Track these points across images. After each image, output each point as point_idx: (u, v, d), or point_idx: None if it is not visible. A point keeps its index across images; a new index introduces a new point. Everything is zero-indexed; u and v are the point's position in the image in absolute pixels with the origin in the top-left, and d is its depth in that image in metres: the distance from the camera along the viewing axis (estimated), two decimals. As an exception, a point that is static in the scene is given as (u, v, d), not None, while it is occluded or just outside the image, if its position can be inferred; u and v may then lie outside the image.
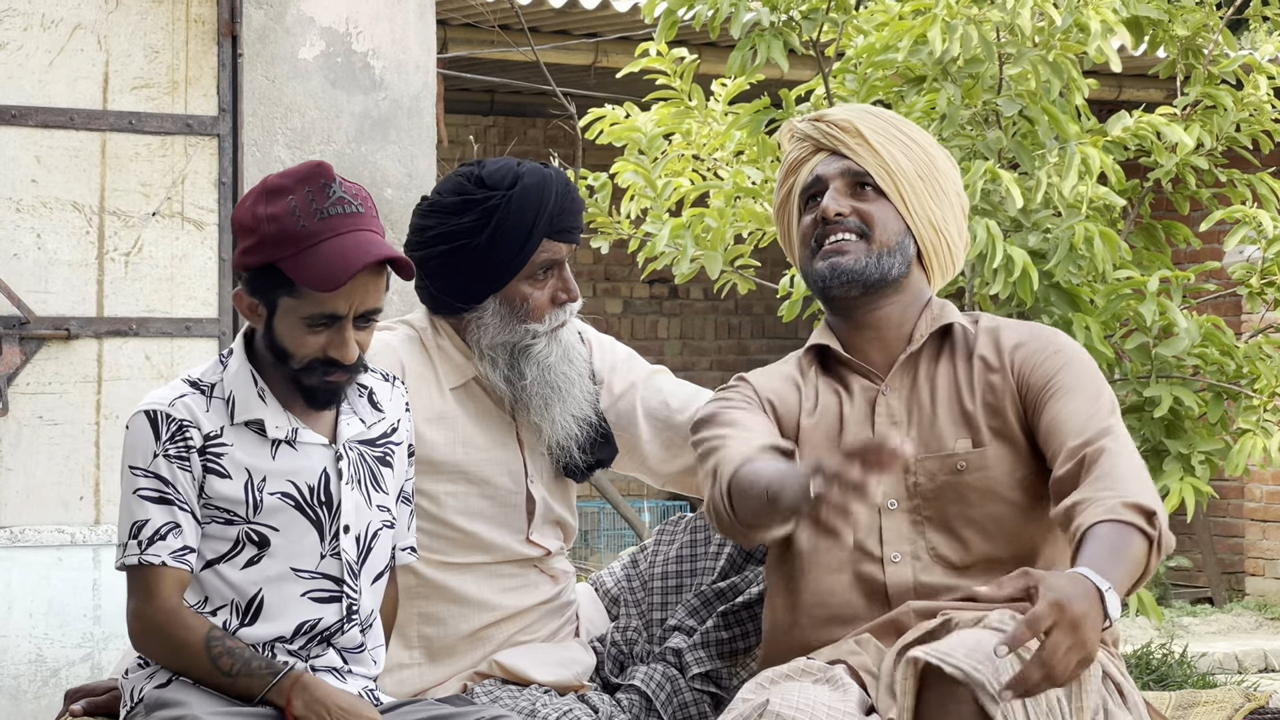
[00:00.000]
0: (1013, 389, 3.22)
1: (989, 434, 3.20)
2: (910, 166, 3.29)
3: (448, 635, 3.43)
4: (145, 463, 3.04)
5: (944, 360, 3.29)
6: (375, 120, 5.82)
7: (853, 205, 3.28)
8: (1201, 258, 9.75)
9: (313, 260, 3.00)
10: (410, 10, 5.88)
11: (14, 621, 5.47)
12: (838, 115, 3.35)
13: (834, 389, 3.30)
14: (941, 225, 3.31)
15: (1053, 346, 3.25)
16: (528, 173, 3.39)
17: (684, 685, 3.51)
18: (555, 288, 3.41)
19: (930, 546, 3.18)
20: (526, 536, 3.46)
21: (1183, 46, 5.86)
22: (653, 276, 12.15)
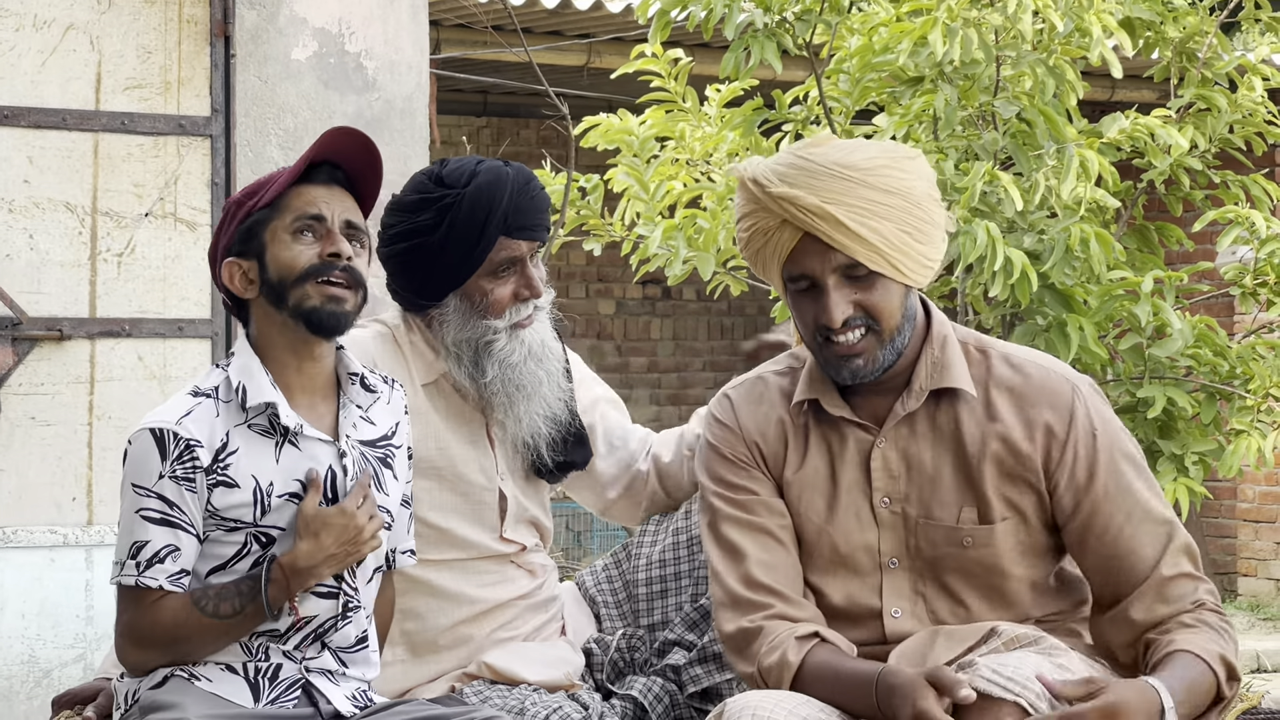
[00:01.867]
0: (1040, 468, 3.10)
1: (1004, 510, 3.10)
2: (895, 230, 3.03)
3: (428, 630, 3.43)
4: (150, 483, 3.02)
5: (945, 410, 3.14)
6: (368, 121, 5.81)
7: (854, 300, 3.05)
8: (1194, 259, 9.76)
9: (288, 173, 3.12)
10: (403, 11, 5.87)
11: (6, 622, 5.46)
12: (800, 195, 3.02)
13: (824, 440, 3.17)
14: (934, 257, 3.10)
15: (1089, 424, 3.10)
16: (484, 171, 3.40)
17: (681, 701, 3.51)
18: (517, 284, 3.42)
19: (930, 610, 3.13)
20: (500, 534, 3.47)
21: (1176, 48, 5.86)
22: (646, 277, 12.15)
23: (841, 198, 3.02)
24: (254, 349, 3.12)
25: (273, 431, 3.08)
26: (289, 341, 3.11)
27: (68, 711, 3.33)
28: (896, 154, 3.09)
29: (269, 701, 3.06)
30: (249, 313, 3.14)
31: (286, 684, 3.08)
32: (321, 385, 3.16)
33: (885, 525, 3.13)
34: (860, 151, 3.07)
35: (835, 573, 3.15)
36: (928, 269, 3.09)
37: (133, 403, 5.57)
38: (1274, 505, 11.10)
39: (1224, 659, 2.99)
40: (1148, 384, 5.43)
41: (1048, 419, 3.10)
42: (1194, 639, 3.00)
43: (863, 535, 3.13)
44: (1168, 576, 3.07)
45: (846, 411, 3.15)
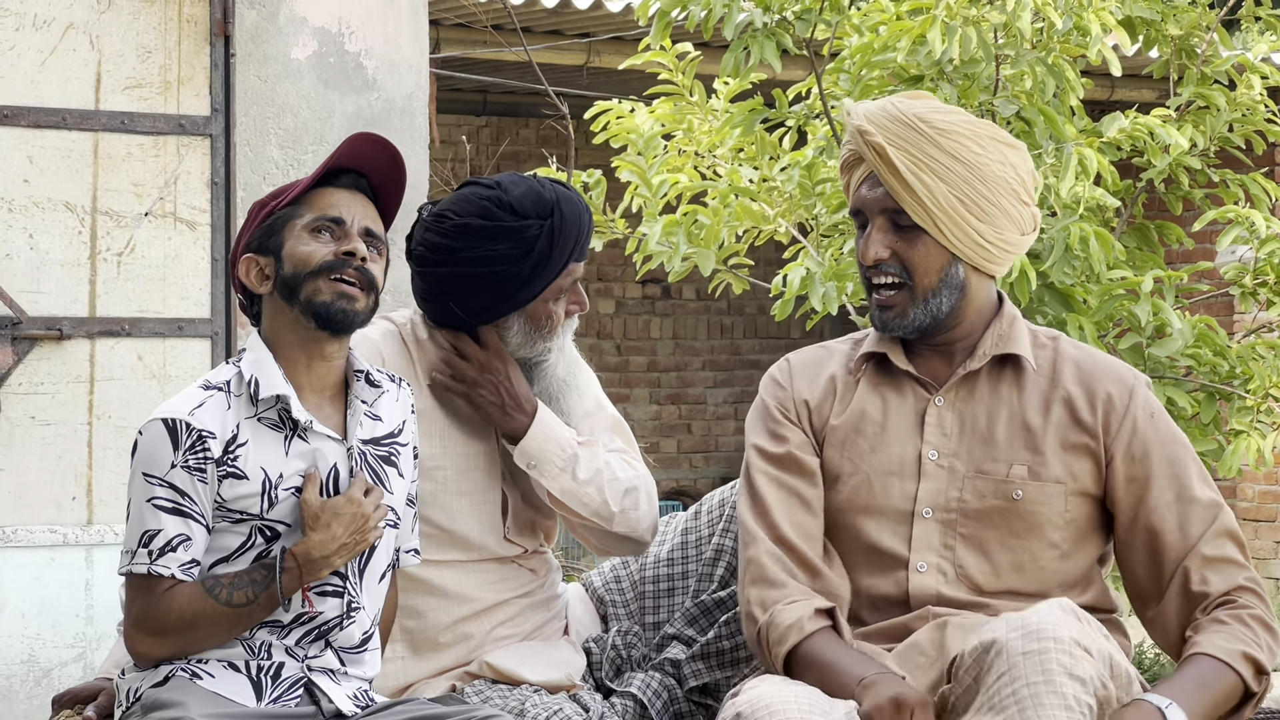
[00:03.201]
0: (1100, 438, 3.17)
1: (1058, 471, 3.16)
2: (947, 191, 3.15)
3: (428, 628, 3.44)
4: (162, 472, 3.03)
5: (1009, 379, 3.22)
6: (368, 120, 5.81)
7: (892, 248, 3.18)
8: (1194, 258, 9.76)
9: (309, 180, 3.16)
10: (403, 10, 5.87)
11: (6, 622, 5.46)
12: (872, 131, 3.18)
13: (879, 394, 3.26)
14: (991, 239, 3.18)
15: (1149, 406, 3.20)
16: (563, 199, 3.43)
17: (680, 696, 3.51)
18: (569, 300, 3.47)
19: (959, 564, 3.17)
20: (504, 535, 3.48)
21: (1176, 46, 5.86)
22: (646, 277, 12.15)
23: (906, 145, 3.15)
24: (266, 345, 3.14)
25: (282, 425, 3.10)
26: (299, 339, 3.13)
27: (68, 711, 3.32)
28: (982, 131, 3.19)
29: (271, 700, 3.06)
30: (262, 309, 3.17)
31: (289, 682, 3.08)
32: (331, 385, 3.18)
33: (928, 476, 3.19)
34: (947, 115, 3.20)
35: (869, 516, 3.21)
36: (980, 247, 3.17)
37: (132, 402, 5.57)
38: (1274, 505, 11.10)
39: (1247, 656, 3.02)
40: (1147, 383, 5.42)
41: (1110, 390, 3.19)
42: (1214, 639, 3.03)
43: (902, 484, 3.19)
44: (1208, 556, 3.11)
45: (910, 367, 3.24)
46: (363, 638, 3.15)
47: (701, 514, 3.70)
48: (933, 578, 3.16)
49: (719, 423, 12.72)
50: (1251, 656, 3.02)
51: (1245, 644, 3.03)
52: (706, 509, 3.71)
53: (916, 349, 3.26)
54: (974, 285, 3.21)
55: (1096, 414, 3.18)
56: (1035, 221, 3.24)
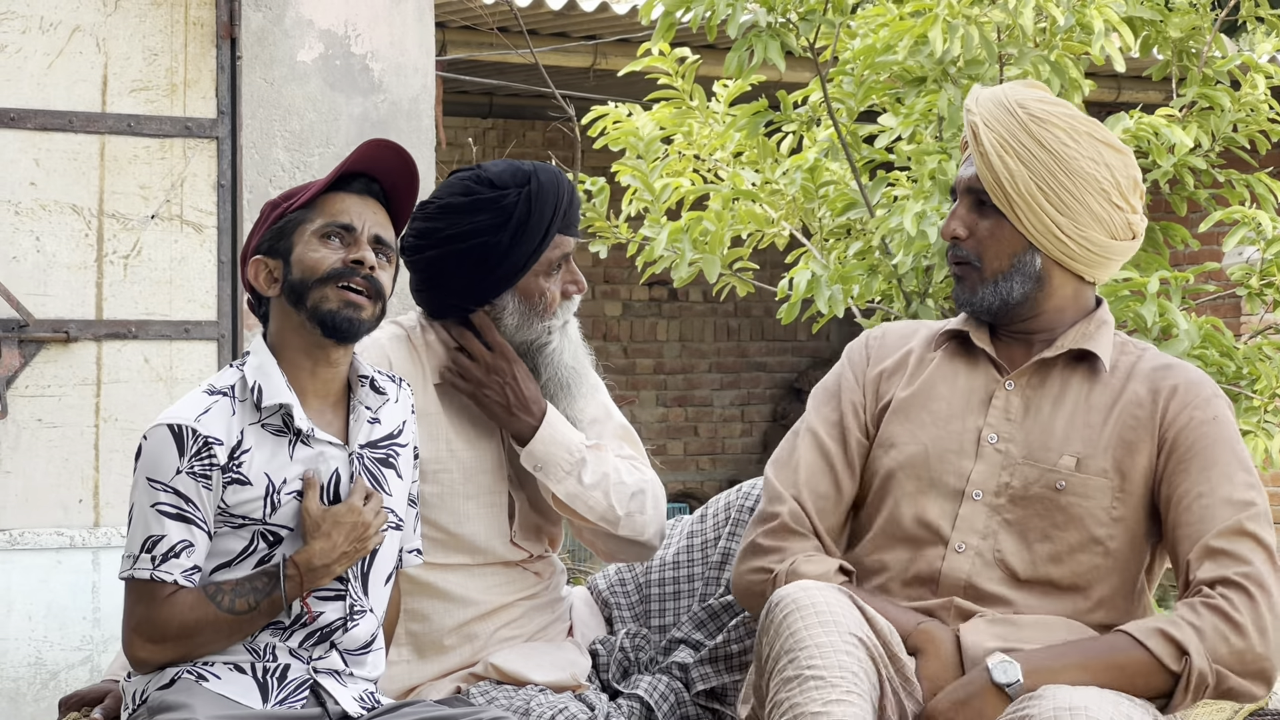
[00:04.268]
0: (1157, 434, 3.16)
1: (1107, 466, 3.15)
2: (1027, 177, 3.17)
3: (433, 631, 3.44)
4: (167, 478, 3.02)
5: (1081, 375, 3.22)
6: (374, 123, 5.81)
7: (969, 226, 3.23)
8: (1200, 259, 9.75)
9: (321, 184, 3.16)
10: (409, 13, 5.88)
11: (13, 624, 5.46)
12: (973, 110, 3.24)
13: (953, 369, 3.27)
14: (1070, 234, 3.19)
15: (1213, 410, 3.16)
16: (541, 170, 3.46)
17: (688, 700, 3.51)
18: (565, 280, 3.47)
19: (997, 549, 3.16)
20: (510, 539, 3.48)
21: (1176, 48, 5.86)
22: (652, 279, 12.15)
23: (998, 127, 3.19)
24: (270, 349, 3.14)
25: (285, 430, 3.10)
26: (304, 344, 3.13)
27: (75, 713, 3.33)
28: (1080, 126, 3.21)
29: (277, 702, 3.06)
30: (269, 312, 3.17)
31: (295, 684, 3.09)
32: (334, 390, 3.18)
33: (984, 458, 3.20)
34: (1048, 105, 3.22)
35: (920, 488, 3.22)
36: (1057, 239, 3.18)
37: (139, 405, 5.57)
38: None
39: (1162, 632, 2.94)
40: (1154, 384, 5.42)
41: (1179, 384, 3.18)
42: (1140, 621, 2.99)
43: (958, 461, 3.20)
44: (1212, 547, 3.05)
45: (989, 347, 3.26)
46: (367, 639, 3.15)
47: (708, 517, 3.69)
48: (968, 561, 3.16)
49: (726, 425, 12.72)
50: (1167, 633, 2.94)
51: (1170, 623, 2.96)
52: (713, 512, 3.70)
53: (999, 334, 3.28)
54: (1056, 280, 3.23)
55: (1159, 406, 3.17)
56: (1131, 229, 3.23)
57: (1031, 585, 3.15)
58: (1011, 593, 3.15)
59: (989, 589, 3.14)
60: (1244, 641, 2.96)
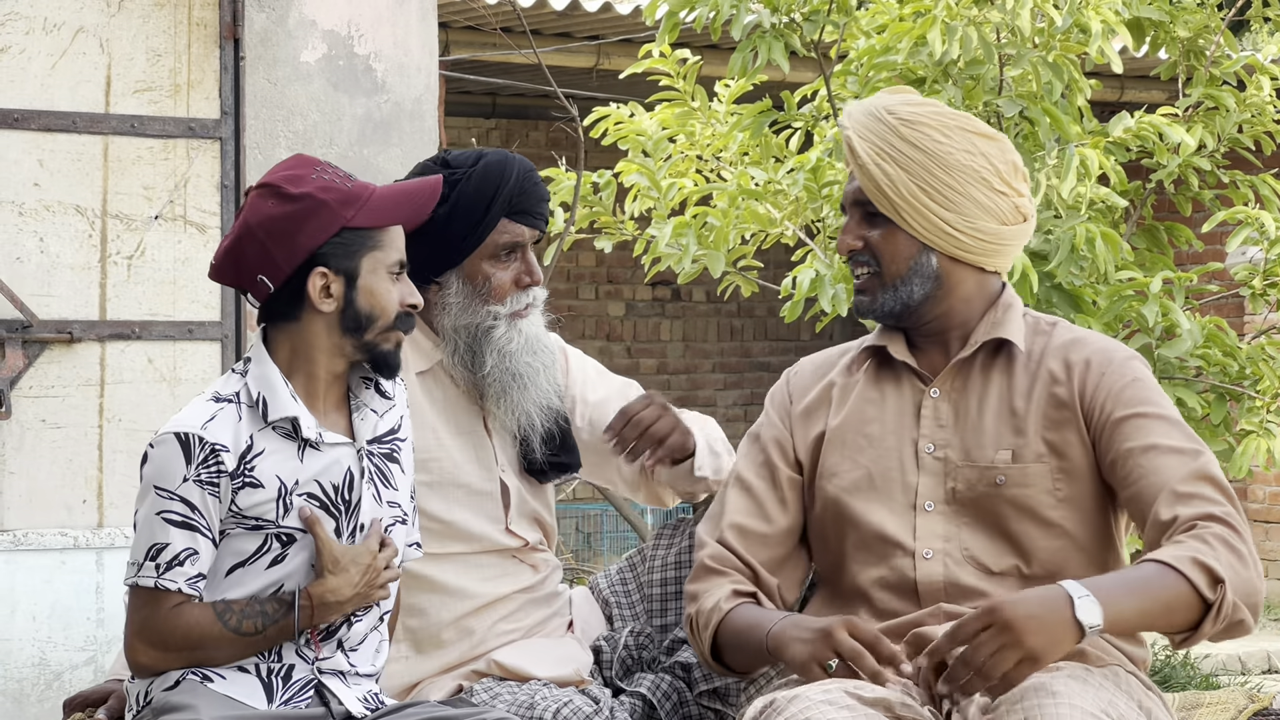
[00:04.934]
0: (1079, 408, 3.16)
1: (1041, 449, 3.16)
2: (907, 180, 3.18)
3: (430, 625, 3.45)
4: (173, 485, 3.02)
5: (1000, 365, 3.23)
6: (377, 123, 5.82)
7: (864, 238, 3.23)
8: (1203, 259, 9.75)
9: (385, 205, 3.10)
10: (412, 13, 5.88)
11: (17, 625, 5.47)
12: (846, 125, 3.27)
13: (879, 389, 3.28)
14: (960, 228, 3.19)
15: (1130, 372, 3.17)
16: (491, 153, 3.48)
17: (690, 699, 3.51)
18: (518, 270, 3.47)
19: (964, 547, 3.17)
20: (505, 526, 3.49)
21: (1184, 48, 5.86)
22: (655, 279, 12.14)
23: (871, 136, 3.20)
24: (274, 353, 3.11)
25: (294, 435, 3.09)
26: (331, 360, 3.11)
27: (79, 714, 3.33)
28: (950, 122, 3.22)
29: (282, 702, 3.07)
30: (291, 318, 3.11)
31: (299, 684, 3.09)
32: (338, 390, 3.17)
33: (926, 470, 3.21)
34: (916, 107, 3.23)
35: (872, 506, 3.22)
36: (949, 236, 3.19)
37: (143, 405, 5.58)
38: (1285, 505, 11.08)
39: (1197, 561, 2.89)
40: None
41: (1089, 357, 3.19)
42: (1163, 550, 2.93)
43: (903, 477, 3.21)
44: (1179, 493, 3.03)
45: (909, 358, 3.26)
46: (368, 632, 3.16)
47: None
48: (939, 564, 3.16)
49: (729, 425, 12.72)
50: (1203, 562, 2.89)
51: (1197, 552, 2.91)
52: None
53: (916, 341, 3.28)
54: (956, 276, 3.23)
55: (1074, 382, 3.17)
56: (1020, 213, 3.24)
57: (1005, 577, 3.15)
58: (990, 586, 3.15)
59: (969, 584, 3.15)
60: (1247, 571, 2.95)
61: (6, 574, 5.46)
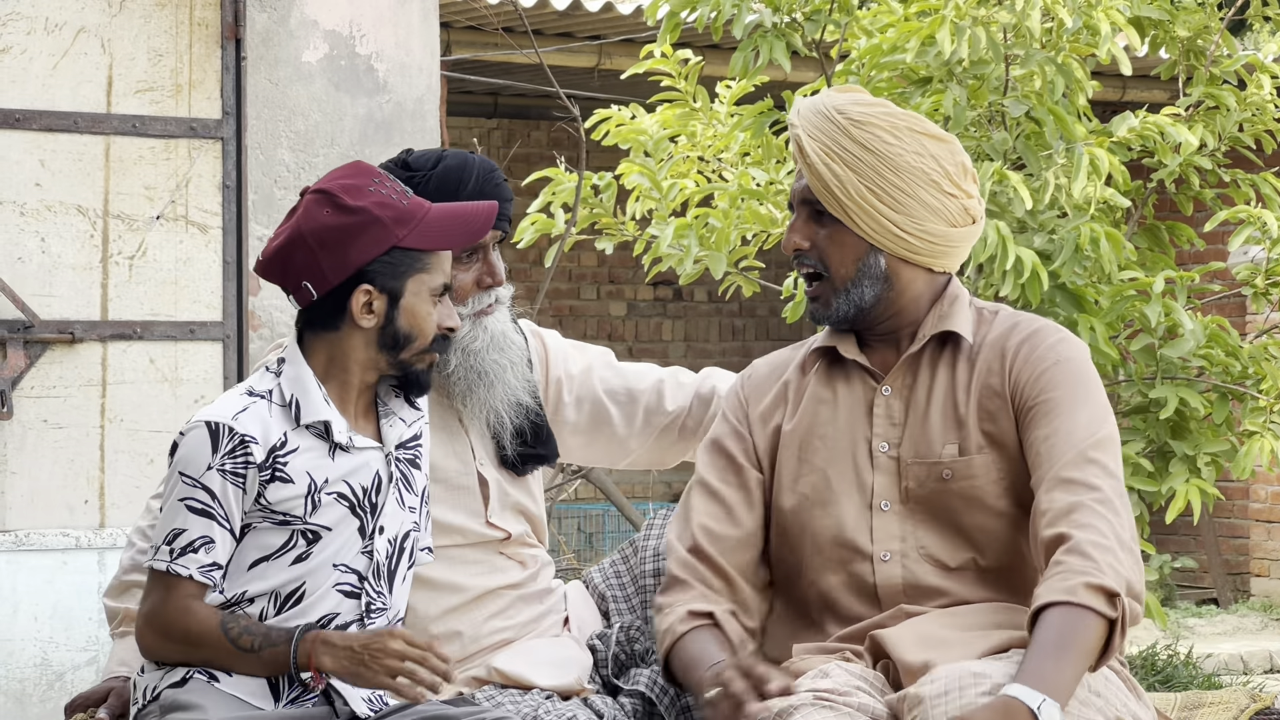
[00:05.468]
0: (1008, 395, 3.16)
1: (981, 441, 3.15)
2: (856, 181, 3.16)
3: (419, 620, 3.45)
4: (197, 473, 3.03)
5: (945, 360, 3.23)
6: (379, 123, 5.82)
7: (810, 238, 3.22)
8: (1205, 258, 9.75)
9: (438, 227, 3.10)
10: (414, 13, 5.88)
11: (19, 625, 5.47)
12: (795, 122, 3.24)
13: (831, 389, 3.27)
14: (909, 230, 3.17)
15: (1054, 355, 3.16)
16: (450, 156, 3.47)
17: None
18: (480, 272, 3.46)
19: (920, 545, 3.16)
20: (485, 519, 3.49)
21: (1184, 47, 5.86)
22: (657, 279, 12.15)
23: (820, 135, 3.17)
24: (310, 360, 3.11)
25: (325, 437, 3.10)
26: (364, 371, 3.12)
27: (81, 715, 3.33)
28: (900, 123, 3.19)
29: (289, 701, 3.08)
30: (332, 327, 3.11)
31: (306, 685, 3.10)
32: (368, 396, 3.19)
33: (881, 468, 3.20)
34: (865, 107, 3.21)
35: (829, 510, 3.21)
36: (897, 238, 3.17)
37: (144, 406, 5.58)
38: (1286, 505, 11.08)
39: (1090, 586, 2.89)
40: (1160, 384, 5.43)
41: (1019, 342, 3.18)
42: (1052, 584, 2.91)
43: (859, 477, 3.20)
44: (1061, 477, 3.04)
45: (860, 357, 3.25)
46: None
47: None
48: (897, 565, 3.16)
49: (731, 425, 12.71)
50: (1095, 584, 2.89)
51: (1085, 574, 2.91)
52: None
53: (867, 340, 3.27)
54: (905, 277, 3.21)
55: (1005, 368, 3.17)
56: (970, 215, 3.22)
57: (963, 572, 3.15)
58: (947, 582, 3.15)
59: (929, 583, 3.15)
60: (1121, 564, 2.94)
61: (8, 574, 5.46)
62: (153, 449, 5.55)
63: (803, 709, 2.89)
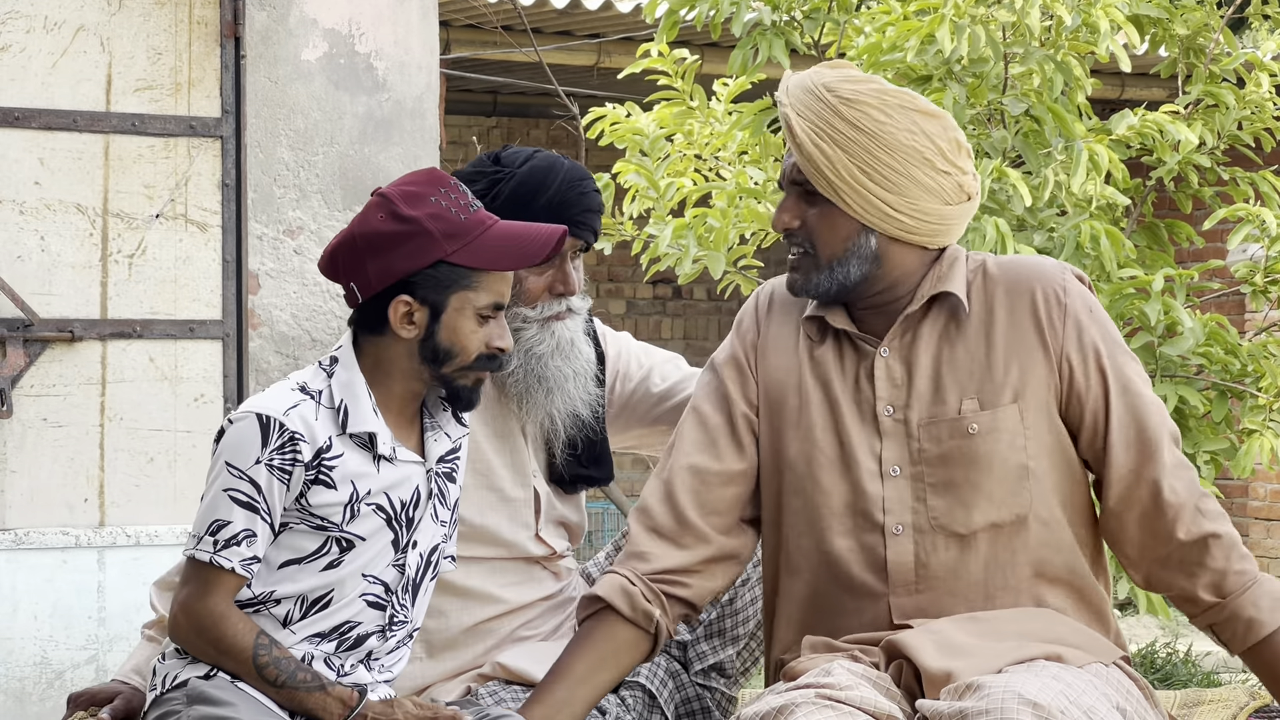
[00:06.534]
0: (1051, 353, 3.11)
1: (1007, 393, 3.10)
2: (846, 160, 3.10)
3: (449, 629, 3.43)
4: (245, 465, 3.00)
5: (949, 317, 3.17)
6: (378, 122, 5.81)
7: (799, 216, 3.16)
8: (1204, 256, 9.75)
9: (491, 247, 3.05)
10: (413, 11, 5.88)
11: (19, 624, 5.47)
12: (784, 100, 3.17)
13: (833, 352, 3.21)
14: (902, 209, 3.12)
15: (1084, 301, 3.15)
16: (541, 157, 3.44)
17: (687, 681, 3.51)
18: (553, 278, 3.42)
19: (932, 515, 3.11)
20: (535, 533, 3.46)
21: (1184, 45, 5.86)
22: (656, 277, 12.15)
23: (810, 114, 3.11)
24: (360, 363, 3.09)
25: (370, 447, 3.08)
26: (408, 380, 3.10)
27: (82, 713, 3.32)
28: (891, 100, 3.13)
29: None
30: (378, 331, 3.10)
31: None
32: (414, 405, 3.17)
33: (888, 434, 3.15)
34: (855, 84, 3.14)
35: (838, 475, 3.17)
36: (890, 217, 3.11)
37: (144, 404, 5.58)
38: (1286, 503, 11.08)
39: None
40: (1159, 382, 5.43)
41: (1039, 287, 3.15)
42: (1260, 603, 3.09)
43: (868, 442, 3.15)
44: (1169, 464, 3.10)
45: (850, 326, 3.19)
46: (396, 645, 3.16)
47: None
48: (909, 541, 3.11)
49: (730, 423, 12.71)
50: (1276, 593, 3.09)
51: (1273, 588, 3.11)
52: None
53: (856, 309, 3.21)
54: (895, 256, 3.16)
55: (1039, 316, 3.13)
56: (964, 191, 3.16)
57: (978, 536, 3.10)
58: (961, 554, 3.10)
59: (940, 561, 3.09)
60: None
61: (8, 573, 5.46)
62: (152, 447, 5.55)
63: (804, 706, 2.87)
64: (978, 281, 3.18)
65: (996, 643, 3.00)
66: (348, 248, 3.07)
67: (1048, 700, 2.80)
